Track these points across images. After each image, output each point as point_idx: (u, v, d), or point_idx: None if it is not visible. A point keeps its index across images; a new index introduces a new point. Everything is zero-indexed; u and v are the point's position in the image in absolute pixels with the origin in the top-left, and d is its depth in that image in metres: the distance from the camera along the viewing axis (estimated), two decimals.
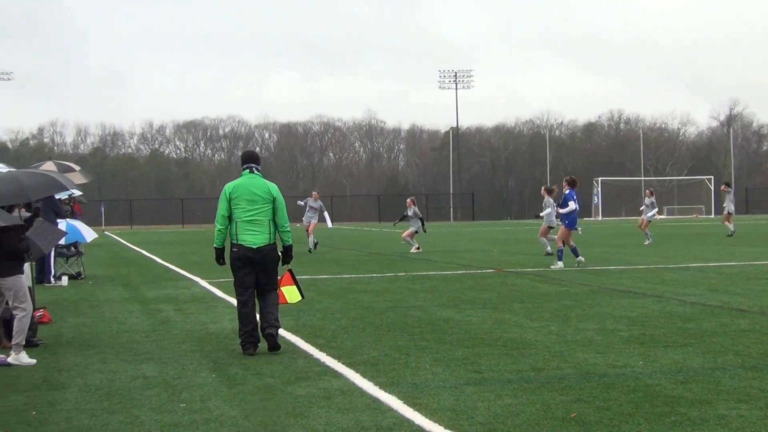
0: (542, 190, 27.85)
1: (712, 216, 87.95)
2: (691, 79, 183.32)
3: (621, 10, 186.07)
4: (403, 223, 35.12)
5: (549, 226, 27.09)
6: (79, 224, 22.21)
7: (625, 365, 9.51)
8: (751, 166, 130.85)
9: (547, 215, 26.72)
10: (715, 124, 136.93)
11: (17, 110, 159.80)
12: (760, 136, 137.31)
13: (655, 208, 35.10)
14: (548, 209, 26.66)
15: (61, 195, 20.75)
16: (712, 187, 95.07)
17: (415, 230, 31.80)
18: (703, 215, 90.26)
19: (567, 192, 22.65)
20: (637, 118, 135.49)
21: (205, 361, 10.31)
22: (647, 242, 33.39)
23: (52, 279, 20.74)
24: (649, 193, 35.43)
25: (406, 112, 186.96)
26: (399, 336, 11.77)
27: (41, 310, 13.88)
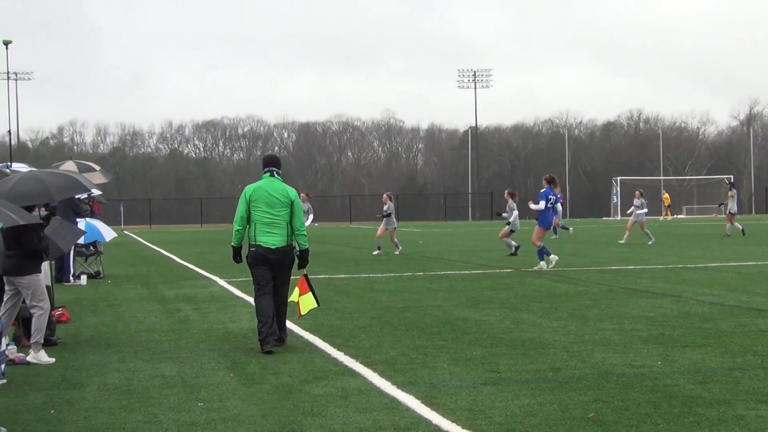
0: (505, 193, 27.79)
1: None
2: (711, 78, 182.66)
3: (641, 9, 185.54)
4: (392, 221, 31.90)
5: (512, 230, 26.94)
6: (98, 223, 22.31)
7: (644, 365, 9.48)
8: None
9: (513, 219, 26.66)
10: (734, 124, 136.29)
11: (37, 110, 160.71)
12: None
13: (644, 209, 34.74)
14: (515, 213, 26.66)
15: (80, 194, 20.83)
16: None
17: (394, 228, 30.31)
18: (723, 215, 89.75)
19: (542, 190, 22.43)
20: (657, 117, 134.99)
21: (224, 360, 10.33)
22: (650, 242, 33.22)
23: (71, 278, 20.83)
24: (639, 194, 35.10)
25: (425, 111, 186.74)
26: (417, 335, 11.77)
27: (60, 309, 13.95)
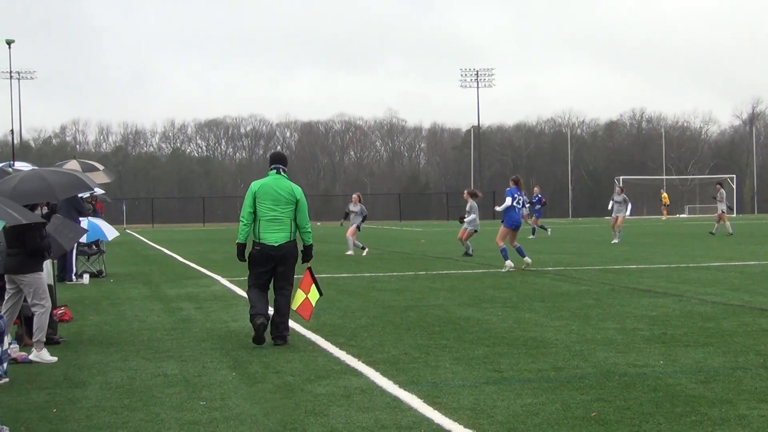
0: (465, 193, 27.67)
1: (734, 215, 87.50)
2: (713, 77, 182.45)
3: (643, 8, 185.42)
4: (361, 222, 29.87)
5: (474, 230, 26.79)
6: (100, 222, 22.32)
7: (646, 364, 9.47)
8: None
9: (471, 220, 26.54)
10: (737, 123, 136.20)
11: (40, 109, 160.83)
12: None
13: (628, 204, 34.59)
14: (473, 215, 26.56)
15: (83, 193, 20.83)
16: (734, 186, 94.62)
17: (356, 226, 29.36)
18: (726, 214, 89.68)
19: (508, 189, 22.16)
20: (659, 116, 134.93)
21: (226, 359, 10.34)
22: (616, 240, 33.04)
23: (74, 277, 20.84)
24: (619, 190, 34.98)
25: (427, 110, 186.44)
26: (419, 335, 11.77)
27: (62, 308, 13.95)
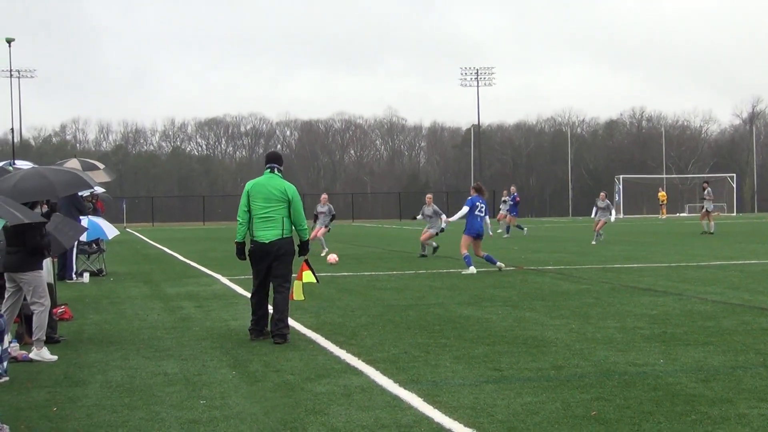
0: (427, 197, 27.64)
1: (734, 214, 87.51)
2: (713, 76, 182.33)
3: (643, 7, 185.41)
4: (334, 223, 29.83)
5: (437, 232, 26.68)
6: (100, 221, 22.31)
7: (646, 363, 9.48)
8: None
9: (433, 221, 26.50)
10: (737, 122, 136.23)
11: (40, 108, 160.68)
12: None
13: (611, 209, 34.50)
14: (428, 216, 26.59)
15: (83, 192, 20.83)
16: (734, 185, 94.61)
17: (327, 229, 29.15)
18: (725, 213, 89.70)
19: (468, 198, 22.02)
20: (659, 115, 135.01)
21: (226, 358, 10.34)
22: (594, 242, 32.90)
23: (74, 276, 20.84)
24: (603, 196, 34.83)
25: (428, 109, 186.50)
26: (419, 333, 11.77)
27: (62, 307, 13.95)
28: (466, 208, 21.67)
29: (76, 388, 8.85)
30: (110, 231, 22.11)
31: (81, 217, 20.23)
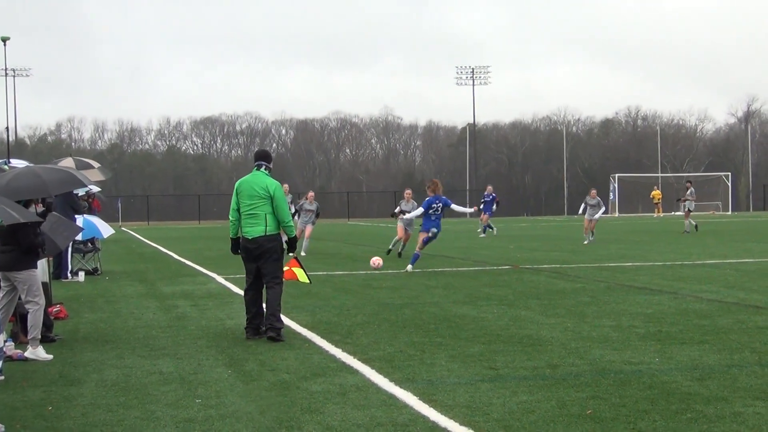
0: (406, 193, 27.47)
1: (729, 212, 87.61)
2: (708, 75, 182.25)
3: (639, 6, 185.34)
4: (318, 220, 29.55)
5: (406, 228, 26.48)
6: (96, 220, 22.28)
7: (641, 362, 9.48)
8: None
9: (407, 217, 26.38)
10: (732, 121, 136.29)
11: (35, 106, 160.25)
12: None
13: (602, 208, 34.32)
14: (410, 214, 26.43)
15: (79, 191, 20.81)
16: (729, 184, 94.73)
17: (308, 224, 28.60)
18: (720, 212, 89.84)
19: (427, 198, 21.88)
20: (655, 114, 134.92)
21: (221, 357, 10.33)
22: (587, 242, 32.67)
23: (69, 275, 20.82)
24: (593, 194, 34.61)
25: (423, 108, 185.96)
26: (414, 332, 11.78)
27: (58, 306, 13.94)
28: (420, 209, 21.60)
29: (71, 387, 8.84)
30: (105, 230, 22.07)
31: (76, 216, 20.20)
